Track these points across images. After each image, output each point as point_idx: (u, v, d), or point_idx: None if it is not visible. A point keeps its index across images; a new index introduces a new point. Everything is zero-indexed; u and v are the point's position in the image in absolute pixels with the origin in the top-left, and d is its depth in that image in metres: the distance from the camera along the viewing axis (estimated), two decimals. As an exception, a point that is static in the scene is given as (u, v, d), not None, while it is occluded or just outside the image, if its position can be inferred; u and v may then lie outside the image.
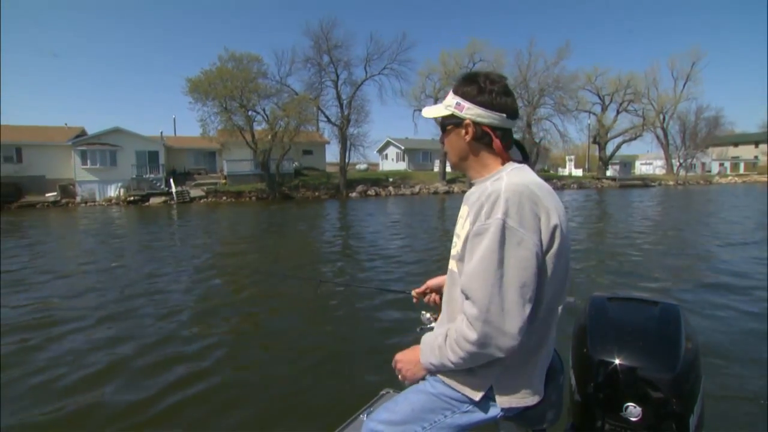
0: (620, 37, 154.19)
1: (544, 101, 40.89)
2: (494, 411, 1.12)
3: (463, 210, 1.21)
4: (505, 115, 1.11)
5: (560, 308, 1.09)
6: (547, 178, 42.91)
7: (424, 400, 1.18)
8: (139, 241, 12.45)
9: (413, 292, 1.58)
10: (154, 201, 28.47)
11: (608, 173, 46.51)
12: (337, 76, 32.93)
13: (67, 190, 29.23)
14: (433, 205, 23.19)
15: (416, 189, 33.80)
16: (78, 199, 28.93)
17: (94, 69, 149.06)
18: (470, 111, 1.11)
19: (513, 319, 0.95)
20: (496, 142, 1.17)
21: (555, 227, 1.00)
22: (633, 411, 1.07)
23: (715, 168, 57.51)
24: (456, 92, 1.14)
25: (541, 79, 40.18)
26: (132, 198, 28.69)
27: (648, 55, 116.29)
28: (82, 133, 33.58)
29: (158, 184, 30.19)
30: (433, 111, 1.20)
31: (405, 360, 1.19)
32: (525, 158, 1.21)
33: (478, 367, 1.07)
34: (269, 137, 29.21)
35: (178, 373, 3.66)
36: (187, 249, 10.87)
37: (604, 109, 46.19)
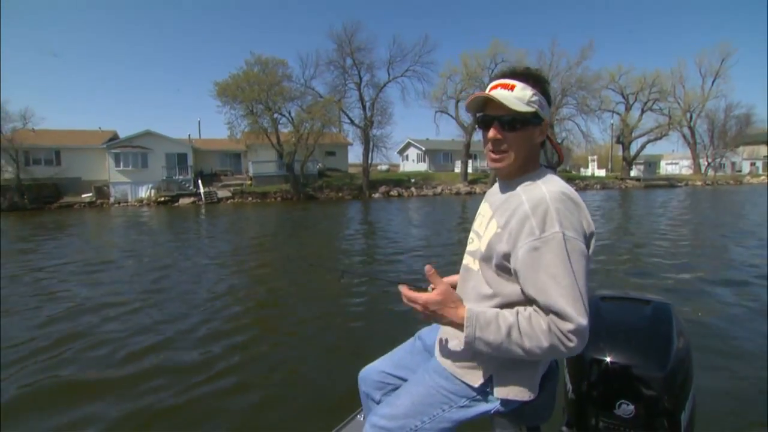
0: (645, 36, 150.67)
1: (567, 101, 40.48)
2: (490, 405, 1.14)
3: (485, 208, 1.21)
4: None
5: None
6: (570, 179, 42.65)
7: (423, 393, 1.20)
8: (175, 238, 13.07)
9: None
10: (183, 201, 29.41)
11: (632, 173, 45.66)
12: (360, 79, 33.44)
13: (101, 191, 30.45)
14: (456, 206, 23.32)
15: (438, 190, 33.94)
16: (111, 199, 30.09)
17: (120, 72, 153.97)
18: (546, 111, 1.11)
19: (589, 324, 0.97)
20: (558, 147, 1.22)
21: (592, 234, 1.04)
22: (626, 408, 1.09)
23: (746, 168, 55.71)
24: (535, 87, 1.09)
25: (563, 79, 39.78)
26: (162, 198, 29.66)
27: (674, 53, 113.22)
28: (115, 136, 34.94)
29: (187, 185, 31.20)
30: (516, 104, 1.06)
31: (443, 311, 1.05)
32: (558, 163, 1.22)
33: (483, 357, 1.11)
34: (294, 139, 29.85)
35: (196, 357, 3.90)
36: (223, 244, 11.44)
37: (628, 108, 45.38)
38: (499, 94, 1.07)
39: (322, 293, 5.95)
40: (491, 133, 1.10)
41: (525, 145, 1.11)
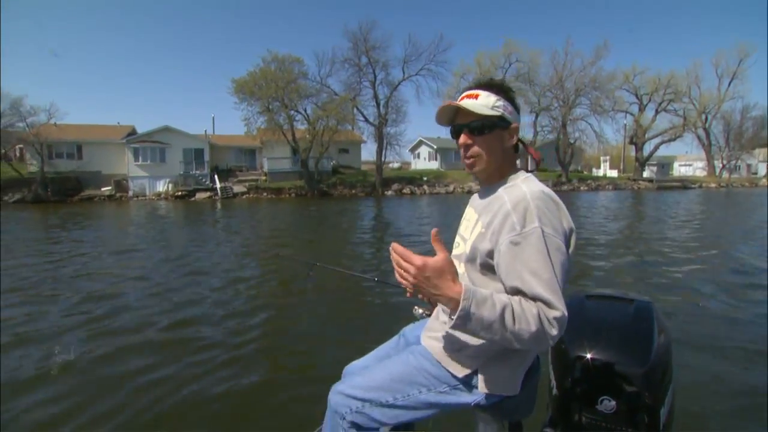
0: (659, 35, 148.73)
1: (580, 101, 40.47)
2: (471, 397, 1.15)
3: (470, 213, 1.25)
4: None
5: None
6: (581, 179, 42.65)
7: (402, 371, 1.21)
8: (193, 231, 13.62)
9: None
10: (200, 196, 30.03)
11: (645, 174, 45.42)
12: (375, 77, 33.84)
13: (120, 184, 31.17)
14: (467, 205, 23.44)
15: (450, 188, 34.21)
16: (130, 193, 30.80)
17: (138, 68, 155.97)
18: (514, 116, 1.17)
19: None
20: (532, 150, 1.29)
21: (571, 231, 1.07)
22: (608, 404, 1.11)
23: (762, 170, 54.96)
24: (499, 94, 1.15)
25: (577, 79, 39.76)
26: (180, 193, 30.30)
27: (691, 54, 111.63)
28: (133, 131, 35.73)
29: (204, 180, 31.85)
30: (481, 109, 1.13)
31: (439, 280, 0.97)
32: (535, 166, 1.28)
33: (472, 347, 1.14)
34: (309, 136, 30.32)
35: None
36: (236, 238, 11.91)
37: (641, 109, 45.12)
38: (465, 102, 1.15)
39: (291, 289, 5.90)
40: (462, 139, 1.18)
41: (495, 147, 1.16)
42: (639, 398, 1.11)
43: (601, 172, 50.06)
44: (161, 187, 31.54)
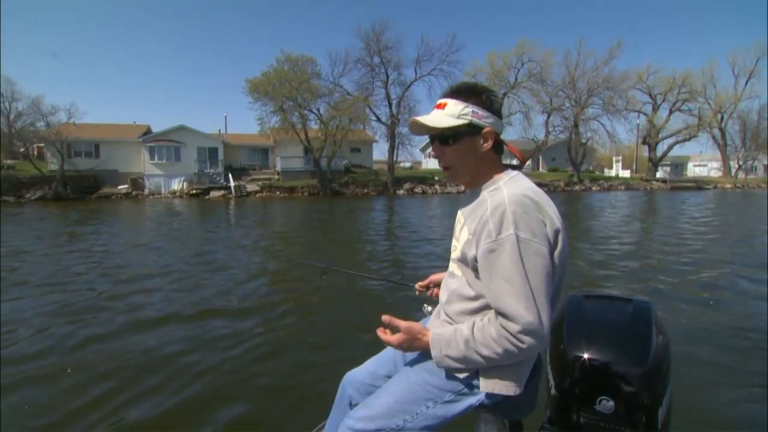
0: (674, 34, 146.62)
1: (593, 101, 40.21)
2: (475, 398, 1.16)
3: (460, 216, 1.24)
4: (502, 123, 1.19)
5: (556, 307, 1.13)
6: (594, 179, 42.36)
7: (406, 392, 1.20)
8: (209, 228, 13.97)
9: (417, 285, 1.64)
10: (214, 194, 30.44)
11: (658, 175, 44.98)
12: (387, 77, 34.02)
13: (136, 182, 31.72)
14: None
15: (461, 188, 33.61)
16: (146, 191, 31.29)
17: (154, 68, 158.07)
18: (487, 120, 1.14)
19: (546, 323, 1.00)
20: (515, 150, 1.28)
21: (557, 231, 1.05)
22: (606, 404, 1.12)
23: (779, 170, 54.07)
24: (467, 100, 1.13)
25: (590, 78, 39.52)
26: (194, 191, 30.76)
27: (707, 53, 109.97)
28: (148, 130, 36.32)
29: (218, 179, 32.30)
30: (445, 120, 1.13)
31: (413, 344, 1.16)
32: (520, 164, 1.28)
33: None
34: (322, 136, 30.63)
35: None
36: (250, 234, 12.25)
37: (655, 108, 44.67)
38: (430, 117, 1.15)
39: (304, 291, 5.89)
40: (433, 151, 1.21)
41: (466, 155, 1.15)
42: (637, 398, 1.11)
43: (613, 173, 49.64)
44: (176, 185, 32.06)
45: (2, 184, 27.00)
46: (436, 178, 35.70)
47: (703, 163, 55.95)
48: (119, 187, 31.18)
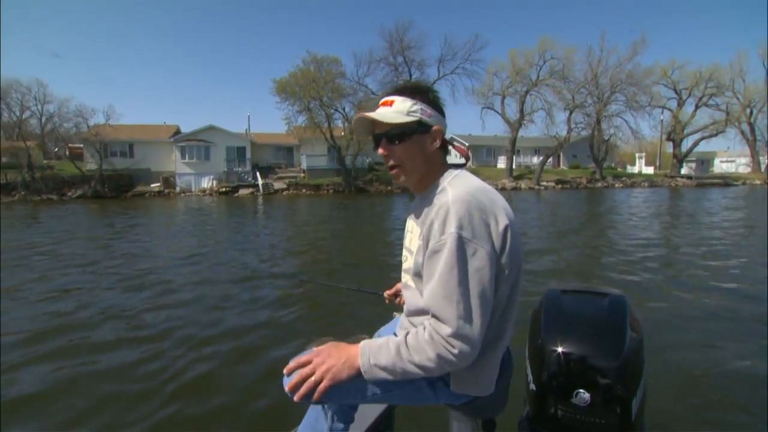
0: (700, 27, 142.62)
1: (615, 97, 39.87)
2: (444, 394, 1.15)
3: (410, 224, 1.22)
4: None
5: (517, 303, 1.13)
6: (616, 176, 41.99)
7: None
8: (241, 223, 14.81)
9: (385, 294, 1.63)
10: (243, 192, 31.40)
11: (683, 171, 44.27)
12: (410, 76, 34.49)
13: (168, 181, 32.91)
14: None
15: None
16: (177, 189, 32.48)
17: (184, 69, 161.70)
18: (435, 118, 1.13)
19: (478, 330, 0.98)
20: (461, 148, 1.27)
21: (505, 229, 1.02)
22: (583, 397, 1.13)
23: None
24: (415, 98, 1.11)
25: (613, 75, 39.19)
26: (223, 189, 31.74)
27: (735, 46, 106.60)
28: (178, 130, 37.62)
29: (246, 177, 33.28)
30: (395, 117, 1.10)
31: (332, 359, 1.04)
32: (464, 162, 1.26)
33: None
34: (347, 134, 31.31)
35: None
36: (280, 230, 12.96)
37: (680, 104, 43.91)
38: (378, 112, 1.12)
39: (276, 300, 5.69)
40: (380, 150, 1.15)
41: (416, 154, 1.12)
42: (612, 390, 1.13)
43: (636, 169, 49.01)
44: (205, 183, 33.14)
45: (48, 183, 28.55)
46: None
47: (731, 159, 54.60)
48: (152, 186, 32.43)
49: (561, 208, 19.60)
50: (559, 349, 1.19)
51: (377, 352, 1.04)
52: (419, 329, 1.03)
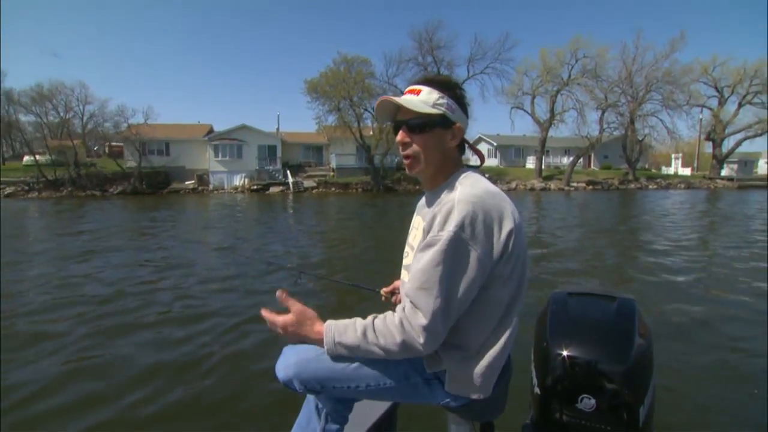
0: (743, 23, 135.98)
1: (651, 96, 38.60)
2: (441, 395, 1.13)
3: (416, 221, 1.22)
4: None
5: (519, 308, 1.11)
6: (651, 177, 40.67)
7: (378, 361, 1.12)
8: (279, 218, 15.33)
9: (382, 291, 1.62)
10: (273, 190, 32.03)
11: (723, 173, 42.43)
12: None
13: (202, 178, 33.85)
14: (530, 202, 23.45)
15: (513, 185, 34.15)
16: (210, 186, 33.37)
17: (217, 70, 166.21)
18: (458, 115, 1.12)
19: (445, 329, 1.01)
20: (477, 150, 1.26)
21: (509, 234, 1.01)
22: (588, 402, 1.11)
23: None
24: (443, 91, 1.10)
25: (648, 73, 37.94)
26: (255, 187, 32.46)
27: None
28: (211, 129, 38.75)
29: (277, 175, 33.97)
30: (420, 106, 1.09)
31: (301, 330, 1.11)
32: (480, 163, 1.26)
33: (440, 350, 1.08)
34: (377, 134, 31.59)
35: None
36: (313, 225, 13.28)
37: (721, 102, 42.04)
38: (404, 98, 1.11)
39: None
40: (399, 136, 1.13)
41: (434, 148, 1.11)
42: (619, 396, 1.11)
43: (671, 170, 47.32)
44: (237, 181, 33.91)
45: (92, 180, 30.03)
46: (486, 175, 35.42)
47: (776, 161, 51.95)
48: (186, 183, 33.44)
49: (588, 209, 19.15)
50: (564, 353, 1.16)
51: (343, 331, 1.06)
52: (389, 314, 1.05)
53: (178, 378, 3.36)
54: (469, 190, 1.03)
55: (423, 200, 1.24)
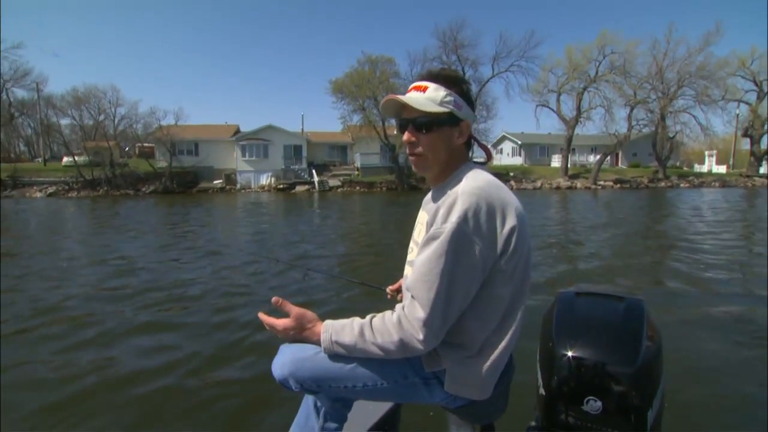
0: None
1: (683, 92, 37.35)
2: (440, 395, 1.11)
3: (422, 216, 1.19)
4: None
5: (523, 307, 1.08)
6: (682, 176, 39.39)
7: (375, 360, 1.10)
8: (300, 218, 15.62)
9: (387, 289, 1.60)
10: (299, 189, 32.52)
11: (762, 170, 40.73)
12: (464, 74, 34.19)
13: (229, 178, 34.63)
14: (556, 200, 23.08)
15: (538, 184, 33.67)
16: (238, 186, 34.15)
17: (243, 69, 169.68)
18: (465, 112, 1.10)
19: (445, 325, 1.00)
20: (484, 145, 1.26)
21: (512, 229, 0.99)
22: (594, 405, 1.09)
23: None
24: (449, 88, 1.08)
25: (680, 68, 36.71)
26: (281, 186, 33.01)
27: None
28: (238, 129, 39.60)
29: (302, 174, 34.49)
30: (427, 105, 1.07)
31: (302, 333, 1.12)
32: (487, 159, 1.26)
33: (440, 349, 1.06)
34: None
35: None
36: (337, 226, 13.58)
37: (760, 97, 40.25)
38: (410, 96, 1.09)
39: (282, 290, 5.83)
40: (405, 135, 1.11)
41: (441, 146, 1.09)
42: (626, 399, 1.08)
43: (704, 168, 45.73)
44: (264, 180, 34.61)
45: (126, 179, 31.21)
46: (511, 174, 35.37)
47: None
48: (214, 182, 34.27)
49: (615, 208, 18.51)
50: (570, 354, 1.14)
51: (340, 330, 1.06)
52: (387, 312, 1.04)
53: (177, 378, 3.27)
54: (472, 182, 1.02)
55: (429, 196, 1.22)
